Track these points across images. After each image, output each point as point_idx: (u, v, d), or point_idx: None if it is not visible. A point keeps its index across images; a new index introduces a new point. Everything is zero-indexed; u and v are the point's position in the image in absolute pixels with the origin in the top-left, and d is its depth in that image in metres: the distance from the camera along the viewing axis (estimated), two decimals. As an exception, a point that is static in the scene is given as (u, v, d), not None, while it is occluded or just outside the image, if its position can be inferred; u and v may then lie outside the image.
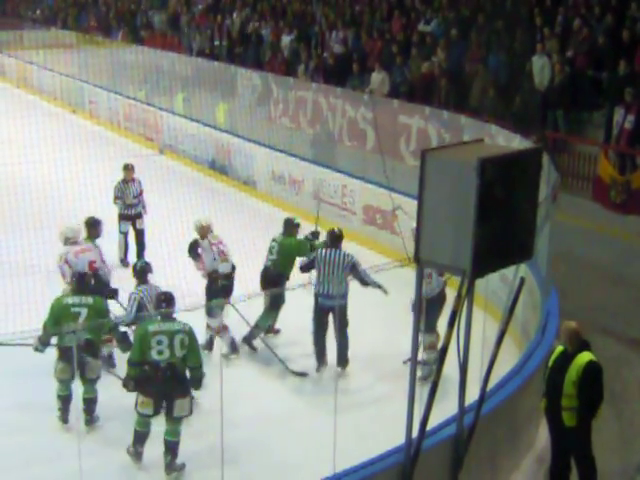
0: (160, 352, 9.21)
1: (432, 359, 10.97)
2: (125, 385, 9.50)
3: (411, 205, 13.30)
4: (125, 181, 16.16)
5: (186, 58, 26.33)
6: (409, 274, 8.03)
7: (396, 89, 19.62)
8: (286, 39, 24.49)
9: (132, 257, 15.65)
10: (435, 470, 8.11)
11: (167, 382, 9.28)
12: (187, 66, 25.53)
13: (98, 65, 29.86)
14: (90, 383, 10.24)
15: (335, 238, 12.11)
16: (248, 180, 20.46)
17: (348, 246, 15.94)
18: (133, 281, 11.26)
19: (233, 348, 12.32)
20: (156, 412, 9.45)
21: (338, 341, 11.60)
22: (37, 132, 18.35)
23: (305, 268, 12.12)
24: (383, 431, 9.21)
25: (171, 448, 9.48)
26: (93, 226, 12.64)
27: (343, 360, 11.71)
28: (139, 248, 15.95)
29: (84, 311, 10.09)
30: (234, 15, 27.91)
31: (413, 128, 16.99)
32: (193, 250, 12.52)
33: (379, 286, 11.67)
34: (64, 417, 10.38)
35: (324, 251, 11.93)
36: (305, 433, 10.20)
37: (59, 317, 10.10)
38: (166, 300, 9.71)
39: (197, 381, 9.51)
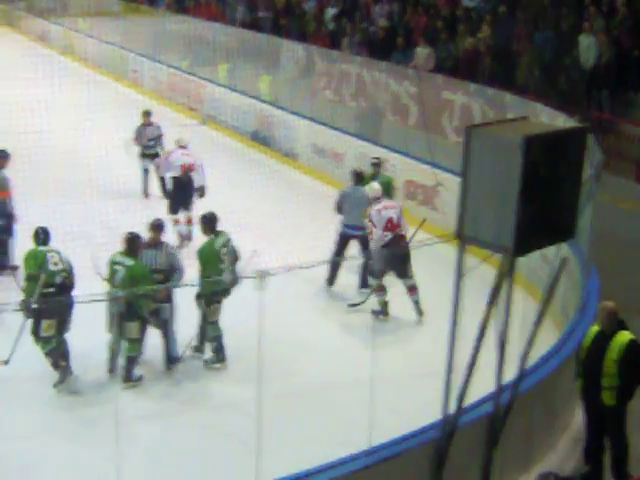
0: (55, 263, 10.46)
1: (416, 299, 12.59)
2: (26, 308, 10.13)
3: (452, 181, 13.31)
4: (143, 125, 18.07)
5: (230, 29, 26.28)
6: (451, 250, 8.03)
7: (441, 65, 19.51)
8: (330, 12, 24.40)
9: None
10: (470, 447, 8.11)
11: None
12: (231, 37, 25.48)
13: (142, 34, 29.93)
14: (131, 342, 10.56)
15: (358, 176, 13.87)
16: (289, 152, 20.45)
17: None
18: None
19: (185, 237, 14.99)
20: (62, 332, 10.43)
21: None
22: (81, 99, 18.48)
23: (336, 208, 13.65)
24: (418, 406, 9.23)
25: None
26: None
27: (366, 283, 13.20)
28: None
29: (122, 270, 10.50)
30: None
31: (456, 104, 16.91)
32: None
33: None
34: (111, 366, 10.79)
35: (350, 189, 13.76)
36: (340, 405, 10.24)
37: (108, 271, 10.66)
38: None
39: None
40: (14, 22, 44.18)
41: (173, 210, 15.31)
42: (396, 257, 12.55)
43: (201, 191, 15.25)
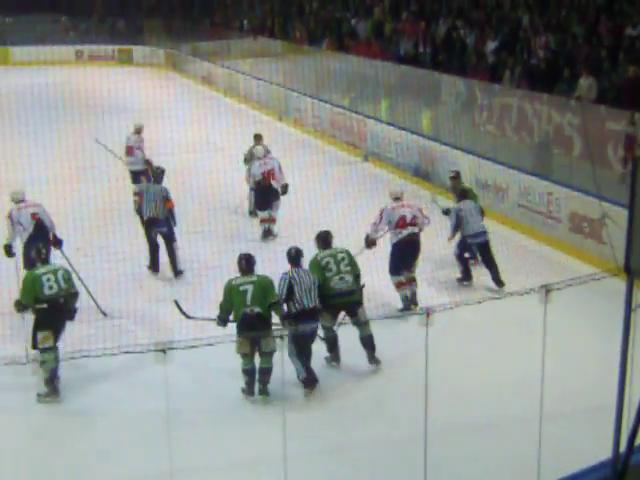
0: (50, 287, 11.24)
1: (414, 290, 13.91)
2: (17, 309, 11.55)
3: (619, 213, 13.10)
4: (254, 147, 18.63)
5: (390, 65, 26.42)
6: (619, 284, 7.96)
7: (604, 94, 19.24)
8: (491, 45, 24.33)
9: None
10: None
11: (62, 313, 11.36)
12: (391, 73, 25.63)
13: (304, 73, 30.39)
14: (266, 356, 11.05)
15: (462, 193, 15.44)
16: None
17: (553, 255, 15.93)
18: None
19: (268, 233, 17.46)
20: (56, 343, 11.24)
21: (489, 268, 14.79)
22: (249, 140, 19.03)
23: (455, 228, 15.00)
24: (588, 443, 9.10)
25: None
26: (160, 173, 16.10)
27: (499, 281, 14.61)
28: None
29: (250, 288, 11.04)
30: (439, 22, 27.88)
31: (621, 134, 16.64)
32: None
33: None
34: (250, 390, 11.28)
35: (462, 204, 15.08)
36: (508, 441, 10.17)
37: (230, 296, 11.15)
38: None
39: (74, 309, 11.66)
40: (180, 66, 45.57)
41: (261, 207, 17.67)
42: (409, 253, 13.87)
43: (284, 189, 17.51)
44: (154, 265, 15.75)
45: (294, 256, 11.76)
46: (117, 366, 11.61)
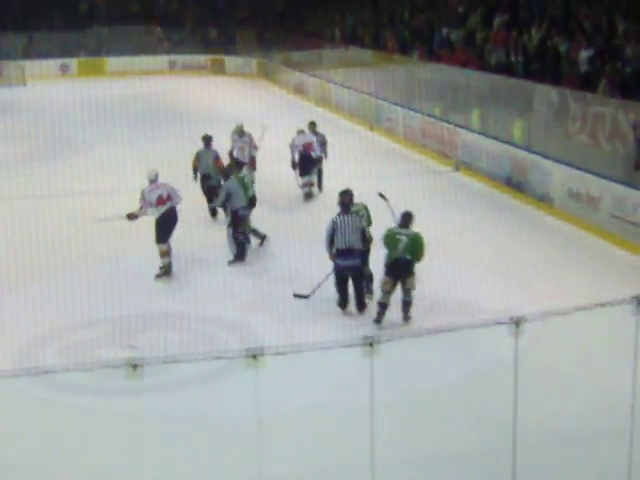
0: None
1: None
2: None
3: None
4: (311, 134, 21.57)
5: (482, 75, 26.28)
6: None
7: (700, 103, 18.91)
8: (585, 54, 24.05)
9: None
10: None
11: None
12: (483, 82, 25.51)
13: (395, 83, 30.43)
14: (408, 291, 13.55)
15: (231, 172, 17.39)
16: (544, 197, 20.23)
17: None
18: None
19: (308, 195, 20.82)
20: None
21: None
22: (339, 149, 19.19)
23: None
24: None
25: None
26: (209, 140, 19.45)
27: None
28: (318, 182, 21.65)
29: (405, 238, 13.45)
30: (532, 30, 27.64)
31: None
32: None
33: None
34: (379, 318, 13.55)
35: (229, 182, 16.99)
36: (595, 455, 10.04)
37: (390, 241, 13.54)
38: None
39: None
40: (271, 75, 46.03)
41: (302, 174, 21.03)
42: (171, 224, 15.97)
43: (319, 161, 21.14)
44: (211, 211, 19.28)
45: (342, 204, 14.06)
46: (207, 371, 11.69)
